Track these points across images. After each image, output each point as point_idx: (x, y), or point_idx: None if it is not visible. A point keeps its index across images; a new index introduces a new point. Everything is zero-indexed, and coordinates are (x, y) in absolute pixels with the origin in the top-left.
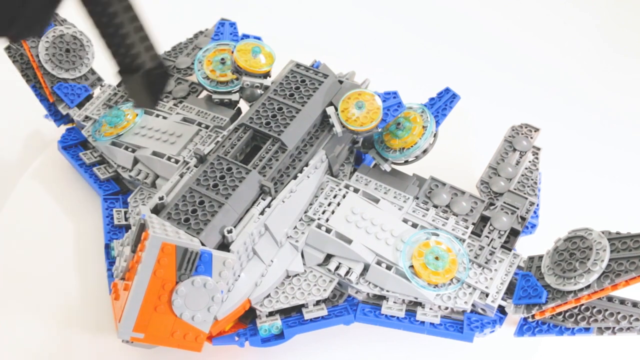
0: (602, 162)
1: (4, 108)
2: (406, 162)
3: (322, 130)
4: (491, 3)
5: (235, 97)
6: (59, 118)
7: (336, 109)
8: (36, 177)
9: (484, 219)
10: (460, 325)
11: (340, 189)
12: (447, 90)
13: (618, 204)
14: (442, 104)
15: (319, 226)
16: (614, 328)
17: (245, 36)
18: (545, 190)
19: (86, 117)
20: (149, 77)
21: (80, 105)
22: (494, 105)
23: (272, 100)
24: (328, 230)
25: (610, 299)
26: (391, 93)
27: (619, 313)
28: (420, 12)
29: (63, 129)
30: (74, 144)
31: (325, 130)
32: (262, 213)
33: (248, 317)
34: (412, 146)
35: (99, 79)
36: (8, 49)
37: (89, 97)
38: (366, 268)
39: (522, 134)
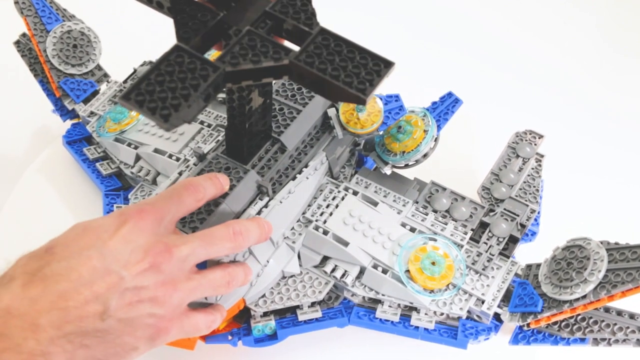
0: (603, 164)
1: (15, 102)
2: (406, 165)
3: (322, 132)
4: (491, 3)
5: None
6: (65, 113)
7: (337, 111)
8: (40, 171)
9: (484, 225)
10: (454, 331)
11: (339, 191)
12: (450, 94)
13: (620, 208)
14: (444, 108)
15: (316, 228)
16: (609, 339)
17: None
18: (547, 195)
19: (91, 112)
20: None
21: (86, 101)
22: (495, 106)
23: (273, 101)
24: (325, 232)
25: (607, 309)
26: (393, 96)
27: (615, 324)
28: (422, 14)
29: (69, 123)
30: (79, 139)
31: (326, 132)
32: (259, 213)
33: (242, 317)
34: (412, 150)
35: (106, 75)
36: (17, 43)
37: (95, 93)
38: (362, 271)
39: (526, 140)
